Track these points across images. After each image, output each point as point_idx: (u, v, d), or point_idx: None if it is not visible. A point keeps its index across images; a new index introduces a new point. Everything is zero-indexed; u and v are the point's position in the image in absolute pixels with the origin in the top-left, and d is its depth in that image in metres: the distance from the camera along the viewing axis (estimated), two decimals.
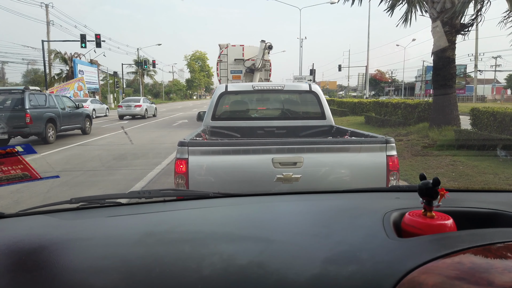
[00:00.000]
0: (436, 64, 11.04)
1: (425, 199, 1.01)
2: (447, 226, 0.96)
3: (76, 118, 13.93)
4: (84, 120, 14.47)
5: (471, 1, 9.29)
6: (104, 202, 1.37)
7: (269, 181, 2.78)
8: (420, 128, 11.59)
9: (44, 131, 11.40)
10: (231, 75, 18.39)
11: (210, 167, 2.88)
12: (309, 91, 5.01)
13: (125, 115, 23.82)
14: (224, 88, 4.98)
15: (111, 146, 11.35)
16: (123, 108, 23.81)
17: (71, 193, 5.64)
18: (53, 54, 38.03)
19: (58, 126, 12.36)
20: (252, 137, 4.66)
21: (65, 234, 1.09)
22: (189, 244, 0.98)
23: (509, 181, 6.03)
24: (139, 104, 23.97)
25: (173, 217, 1.26)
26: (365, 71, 41.46)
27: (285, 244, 0.96)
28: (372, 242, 0.93)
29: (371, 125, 15.65)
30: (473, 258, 0.78)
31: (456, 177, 6.40)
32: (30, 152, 0.97)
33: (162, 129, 16.82)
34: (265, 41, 17.74)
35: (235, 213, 1.31)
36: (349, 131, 4.22)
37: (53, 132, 11.98)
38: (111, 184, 6.37)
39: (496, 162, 7.42)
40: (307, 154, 2.87)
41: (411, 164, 7.57)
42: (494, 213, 1.13)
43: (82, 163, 8.53)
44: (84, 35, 26.10)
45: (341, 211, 1.26)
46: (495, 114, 8.42)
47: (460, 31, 10.62)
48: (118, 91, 49.81)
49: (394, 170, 2.90)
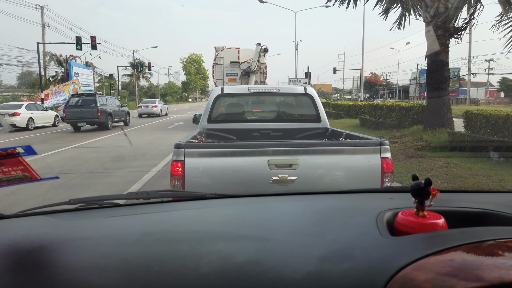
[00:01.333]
0: (430, 67, 11.15)
1: (418, 199, 1.04)
2: (438, 225, 0.99)
3: (121, 114, 19.80)
4: (125, 115, 20.41)
5: (465, 5, 9.38)
6: (102, 203, 1.39)
7: (265, 183, 2.80)
8: (414, 131, 11.67)
9: (106, 121, 17.48)
10: (226, 77, 18.42)
11: (206, 169, 2.89)
12: (304, 94, 5.04)
13: (144, 114, 29.01)
14: (220, 91, 5.00)
15: (107, 148, 11.33)
16: (142, 108, 29.40)
17: (67, 195, 5.61)
18: (49, 56, 37.84)
19: (113, 118, 18.23)
20: (248, 140, 4.68)
21: (65, 234, 1.11)
22: (187, 243, 1.00)
23: (502, 183, 6.10)
24: (155, 105, 29.65)
25: (171, 217, 1.28)
26: (360, 74, 41.67)
27: (281, 243, 0.98)
28: (366, 240, 0.96)
29: (366, 128, 15.73)
30: (463, 255, 0.80)
31: (449, 179, 6.46)
32: (31, 153, 0.99)
33: (158, 132, 16.79)
34: (260, 44, 17.79)
35: (232, 213, 1.33)
36: (344, 133, 4.25)
37: (111, 122, 17.90)
38: (107, 186, 6.36)
39: (490, 164, 7.50)
40: (303, 156, 2.89)
41: (405, 166, 7.63)
42: (484, 212, 1.16)
43: (78, 165, 8.50)
44: (79, 37, 26.07)
45: (336, 211, 1.28)
46: (488, 117, 8.51)
47: (453, 35, 10.73)
48: (113, 93, 49.59)
49: (388, 172, 2.93)
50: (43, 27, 33.24)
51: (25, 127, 17.67)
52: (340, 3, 11.41)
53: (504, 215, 1.13)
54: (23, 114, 17.70)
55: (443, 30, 10.54)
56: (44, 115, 19.68)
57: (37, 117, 18.76)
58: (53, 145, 12.05)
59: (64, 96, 31.55)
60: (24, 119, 17.72)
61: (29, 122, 17.93)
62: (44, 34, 33.78)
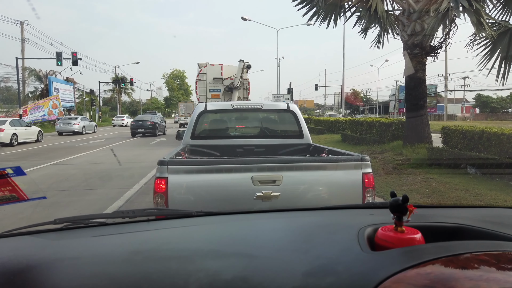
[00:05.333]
0: (408, 84, 11.48)
1: (396, 215, 1.09)
2: (416, 239, 1.04)
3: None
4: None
5: (440, 25, 9.77)
6: (88, 222, 1.38)
7: (249, 199, 2.81)
8: (394, 146, 11.92)
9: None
10: (210, 93, 18.51)
11: (190, 186, 2.89)
12: (287, 110, 5.12)
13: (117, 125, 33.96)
14: (204, 107, 5.04)
15: (87, 166, 11.14)
16: None
17: (46, 214, 5.50)
18: (28, 71, 37.27)
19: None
20: (231, 156, 4.70)
21: (52, 254, 1.11)
22: (175, 261, 1.01)
23: (479, 197, 6.27)
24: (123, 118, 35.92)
25: (158, 235, 1.29)
26: (341, 90, 42.47)
27: (267, 259, 1.01)
28: (348, 255, 1.00)
29: (348, 143, 15.96)
30: (439, 268, 0.85)
31: (429, 193, 6.61)
32: (20, 174, 1.00)
33: (140, 147, 16.62)
34: (243, 61, 18.01)
35: (218, 230, 1.35)
36: (326, 149, 4.32)
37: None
38: (87, 204, 6.24)
39: (467, 178, 7.71)
40: (286, 172, 2.93)
41: (387, 181, 7.77)
42: (458, 227, 1.22)
43: (57, 182, 8.32)
44: (60, 52, 25.80)
45: (319, 227, 1.32)
46: (465, 133, 8.78)
47: (430, 53, 11.12)
48: (94, 109, 48.99)
49: (370, 187, 2.99)
50: (23, 42, 32.81)
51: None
52: (321, 22, 11.68)
53: (478, 229, 1.19)
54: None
55: (420, 48, 10.92)
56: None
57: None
58: (32, 162, 11.77)
59: (43, 112, 31.02)
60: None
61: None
62: (23, 49, 33.37)
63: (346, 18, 11.60)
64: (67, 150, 15.69)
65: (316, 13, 11.55)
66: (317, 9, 11.37)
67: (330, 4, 10.87)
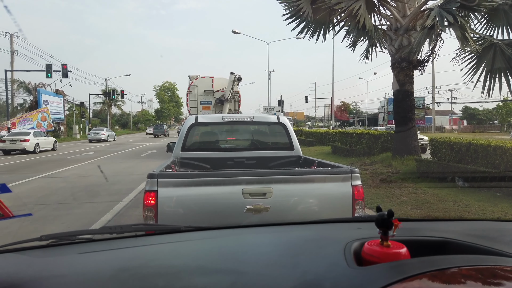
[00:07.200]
0: (396, 97, 11.65)
1: (382, 229, 1.10)
2: (401, 254, 1.05)
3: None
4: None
5: (426, 39, 9.97)
6: (75, 239, 1.37)
7: (239, 212, 2.80)
8: (383, 158, 12.02)
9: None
10: (200, 105, 18.53)
11: (180, 199, 2.87)
12: (277, 123, 5.15)
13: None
14: (194, 120, 5.04)
15: (75, 178, 11.00)
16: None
17: (33, 228, 5.41)
18: (17, 84, 36.94)
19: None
20: (222, 168, 4.70)
21: (38, 272, 1.09)
22: (163, 278, 1.01)
23: (468, 208, 6.34)
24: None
25: (146, 252, 1.28)
26: (331, 103, 42.89)
27: (255, 276, 1.01)
28: (335, 270, 1.01)
29: (338, 155, 16.06)
30: (424, 283, 0.86)
31: (418, 205, 6.66)
32: (5, 191, 0.99)
33: (130, 160, 16.49)
34: (234, 73, 18.12)
35: (207, 246, 1.35)
36: (316, 161, 4.35)
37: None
38: (75, 217, 6.15)
39: (455, 190, 7.80)
40: (276, 185, 2.93)
41: (376, 193, 7.81)
42: (444, 241, 1.24)
43: (45, 196, 8.19)
44: (50, 65, 25.70)
45: (307, 242, 1.33)
46: (452, 144, 8.90)
47: (417, 67, 11.33)
48: (84, 121, 48.62)
49: (359, 199, 3.01)
50: (12, 55, 32.60)
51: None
52: (310, 35, 11.85)
53: (463, 243, 1.21)
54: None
55: (407, 62, 11.12)
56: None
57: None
58: (18, 175, 11.60)
59: (31, 125, 30.71)
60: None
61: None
62: (13, 62, 33.10)
63: (335, 32, 11.80)
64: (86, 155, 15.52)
65: (305, 27, 11.73)
66: (306, 23, 11.56)
67: (319, 18, 11.05)
